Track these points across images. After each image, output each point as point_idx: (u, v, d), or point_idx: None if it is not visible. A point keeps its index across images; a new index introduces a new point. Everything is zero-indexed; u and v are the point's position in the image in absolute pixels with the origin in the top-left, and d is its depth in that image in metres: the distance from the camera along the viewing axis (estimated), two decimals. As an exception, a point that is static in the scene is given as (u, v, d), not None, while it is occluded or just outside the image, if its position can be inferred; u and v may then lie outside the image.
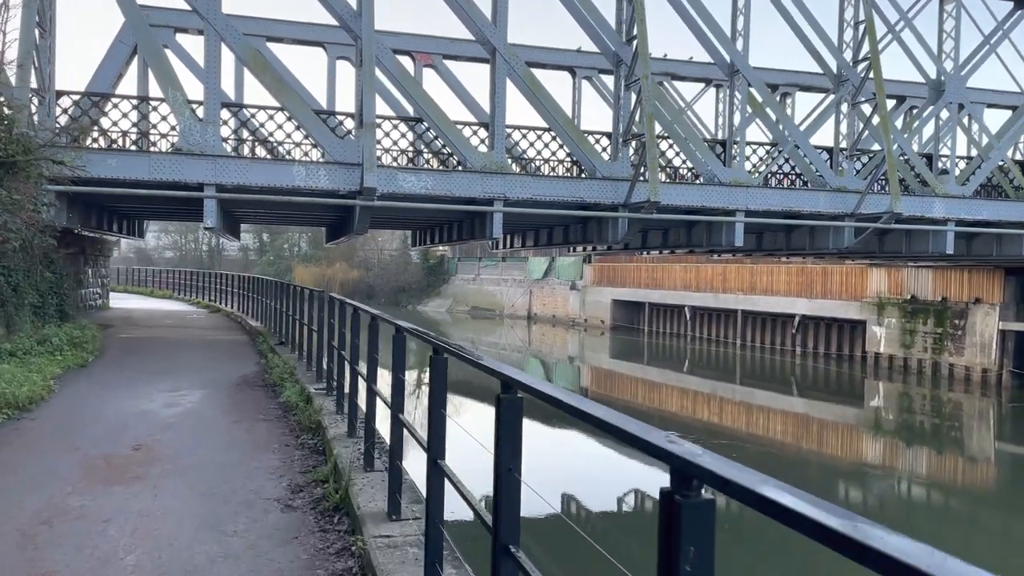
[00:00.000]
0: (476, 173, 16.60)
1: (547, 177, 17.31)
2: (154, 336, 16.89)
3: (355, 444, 6.42)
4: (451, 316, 54.19)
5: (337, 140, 16.18)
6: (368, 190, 15.24)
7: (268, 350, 13.81)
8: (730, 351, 36.45)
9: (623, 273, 42.85)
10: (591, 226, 19.36)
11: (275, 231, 67.84)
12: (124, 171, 15.21)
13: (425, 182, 16.48)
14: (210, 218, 15.65)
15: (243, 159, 15.71)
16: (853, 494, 16.33)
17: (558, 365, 37.21)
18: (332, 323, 8.76)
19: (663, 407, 27.19)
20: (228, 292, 26.58)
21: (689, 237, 20.06)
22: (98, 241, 23.59)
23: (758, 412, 26.84)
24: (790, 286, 33.89)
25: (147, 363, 12.62)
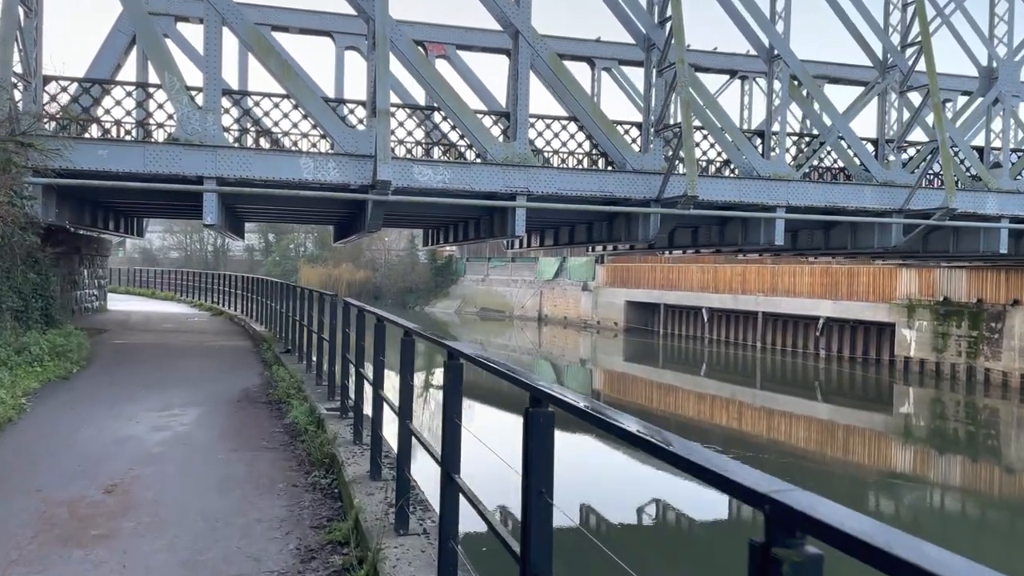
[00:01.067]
0: (497, 166, 15.21)
1: (574, 170, 15.90)
2: (150, 342, 15.50)
3: (381, 491, 5.01)
4: (460, 317, 52.82)
5: (348, 130, 14.80)
6: (382, 183, 13.84)
7: (273, 359, 12.43)
8: (749, 354, 35.02)
9: (637, 274, 41.41)
10: (618, 223, 17.94)
11: (281, 231, 66.50)
12: (116, 163, 13.83)
13: (442, 175, 15.10)
14: (210, 214, 14.27)
15: (246, 150, 14.33)
16: (884, 505, 15.11)
17: (570, 368, 35.86)
18: (348, 333, 7.35)
19: (680, 412, 25.72)
20: (232, 294, 25.20)
21: (722, 235, 18.63)
22: (95, 240, 22.23)
23: (780, 418, 25.55)
24: (814, 287, 32.44)
25: (138, 374, 11.22)
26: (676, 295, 38.83)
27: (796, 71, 16.51)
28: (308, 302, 11.05)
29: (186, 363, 12.52)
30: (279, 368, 10.81)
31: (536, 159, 15.88)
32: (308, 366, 10.47)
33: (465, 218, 19.69)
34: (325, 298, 9.23)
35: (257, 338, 16.18)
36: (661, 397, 29.21)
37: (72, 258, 19.87)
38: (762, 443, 21.45)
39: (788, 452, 19.65)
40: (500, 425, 17.14)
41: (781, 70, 16.58)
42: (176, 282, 37.26)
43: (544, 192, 15.47)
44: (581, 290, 45.27)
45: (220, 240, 70.66)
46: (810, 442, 22.40)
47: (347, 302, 7.25)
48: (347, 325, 7.38)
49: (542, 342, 43.00)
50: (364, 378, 6.29)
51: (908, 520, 14.09)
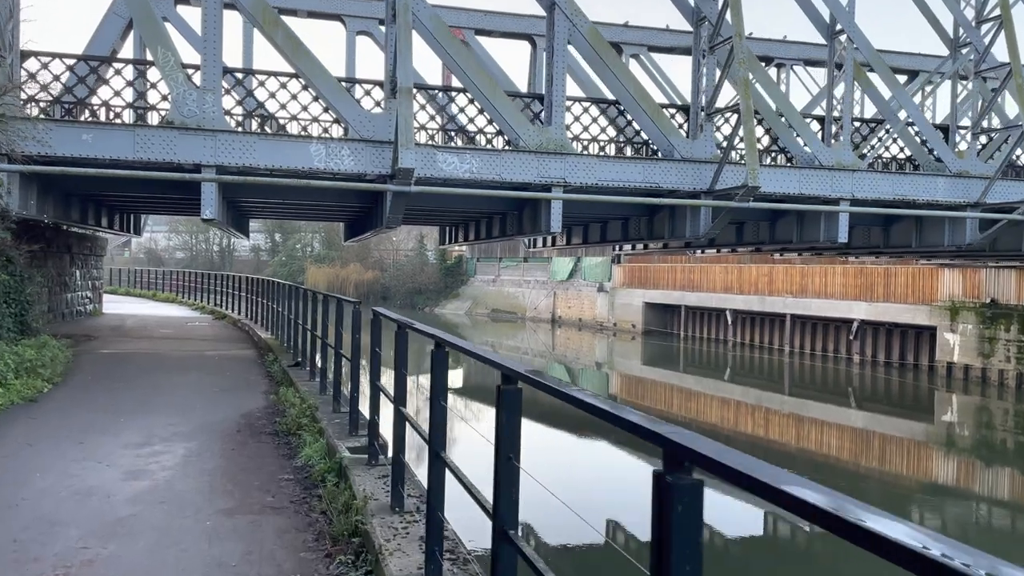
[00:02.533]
0: (531, 153, 13.37)
1: (617, 158, 14.04)
2: (142, 352, 13.63)
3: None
4: (470, 319, 50.96)
5: (364, 113, 12.96)
6: (403, 172, 11.99)
7: (280, 374, 10.60)
8: (777, 358, 33.11)
9: (656, 274, 39.51)
10: (659, 219, 16.07)
11: (288, 230, 64.67)
12: (102, 149, 12.01)
13: (469, 164, 13.25)
14: (208, 207, 12.44)
15: (249, 135, 12.49)
16: (928, 517, 13.72)
17: (585, 371, 34.06)
18: (378, 352, 5.49)
19: (701, 417, 23.94)
20: (236, 296, 23.35)
21: (772, 232, 16.75)
22: (88, 239, 20.39)
23: (810, 425, 23.80)
24: (847, 288, 30.52)
25: (121, 395, 9.36)
26: (698, 296, 36.93)
27: (863, 48, 14.63)
28: (321, 307, 9.18)
29: (179, 379, 10.65)
30: (287, 389, 8.92)
31: (575, 146, 14.03)
32: (323, 386, 8.60)
33: (489, 213, 17.82)
34: (344, 306, 7.37)
35: (262, 347, 14.33)
36: (682, 402, 27.48)
37: (62, 258, 18.06)
38: (790, 451, 20.05)
39: (819, 461, 18.18)
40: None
41: (845, 48, 14.71)
42: (179, 283, 35.33)
43: (582, 183, 13.64)
44: (597, 291, 43.39)
45: (226, 240, 68.94)
46: (843, 451, 20.84)
47: (378, 313, 5.38)
48: (377, 343, 5.52)
49: (556, 344, 41.18)
50: (408, 420, 4.44)
51: (954, 533, 12.66)
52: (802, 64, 22.92)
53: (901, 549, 0.98)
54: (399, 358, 4.53)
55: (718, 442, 1.52)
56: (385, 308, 4.86)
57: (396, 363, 4.47)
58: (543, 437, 16.48)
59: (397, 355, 4.53)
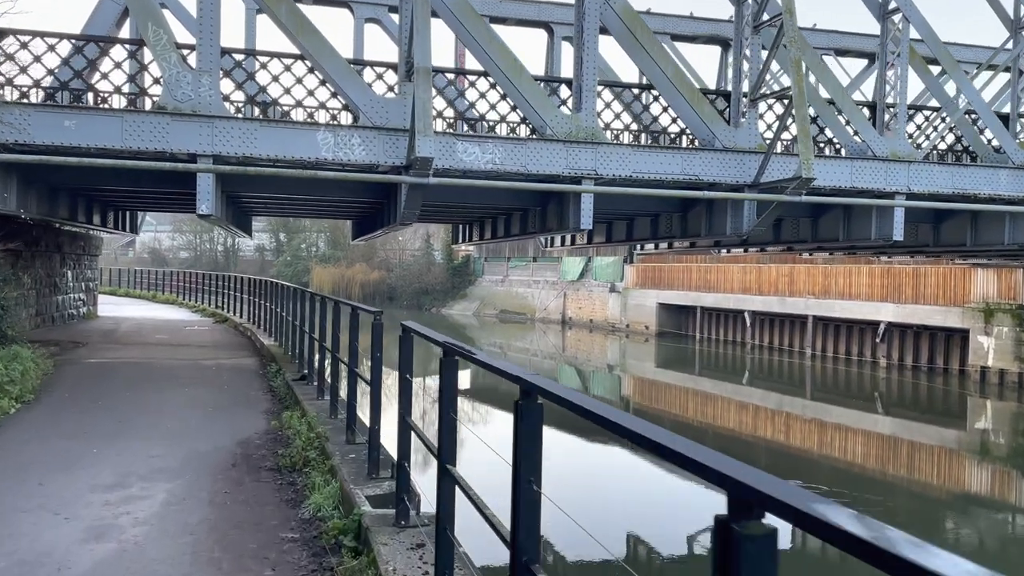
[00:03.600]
0: (559, 143, 12.03)
1: (653, 148, 12.67)
2: (132, 361, 12.27)
3: None
4: (478, 320, 49.61)
5: (376, 98, 11.61)
6: (421, 162, 10.65)
7: (283, 389, 9.26)
8: (798, 361, 31.72)
9: (670, 274, 38.12)
10: (695, 215, 14.71)
11: (292, 229, 63.35)
12: (86, 136, 10.67)
13: (492, 154, 11.91)
14: (205, 201, 11.12)
15: (249, 121, 11.14)
16: (964, 532, 12.79)
17: (596, 374, 32.75)
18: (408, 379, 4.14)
19: (718, 423, 22.70)
20: (238, 298, 22.00)
21: (815, 230, 15.38)
22: (81, 238, 19.05)
23: (834, 431, 22.49)
24: (873, 289, 29.11)
25: (99, 416, 8.01)
26: (714, 297, 35.54)
27: (919, 29, 13.27)
28: (331, 314, 7.81)
29: (170, 394, 9.30)
30: (291, 410, 7.51)
31: (607, 135, 12.68)
32: (333, 407, 7.23)
33: (508, 209, 16.46)
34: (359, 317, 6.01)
35: (264, 356, 12.99)
36: (698, 407, 26.20)
37: (52, 258, 16.75)
38: (812, 457, 18.72)
39: (844, 469, 16.99)
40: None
41: (900, 29, 13.34)
42: (180, 284, 33.94)
43: (615, 175, 12.29)
44: (608, 291, 42.01)
45: (231, 240, 67.68)
46: (869, 458, 19.58)
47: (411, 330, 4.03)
48: (407, 368, 4.17)
49: (566, 346, 39.85)
50: (456, 481, 3.10)
51: (994, 549, 11.92)
52: (832, 54, 21.54)
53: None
54: (445, 394, 3.20)
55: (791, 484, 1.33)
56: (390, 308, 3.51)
57: (441, 405, 3.11)
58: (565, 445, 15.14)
59: (443, 392, 3.20)
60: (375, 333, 5.09)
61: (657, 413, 24.37)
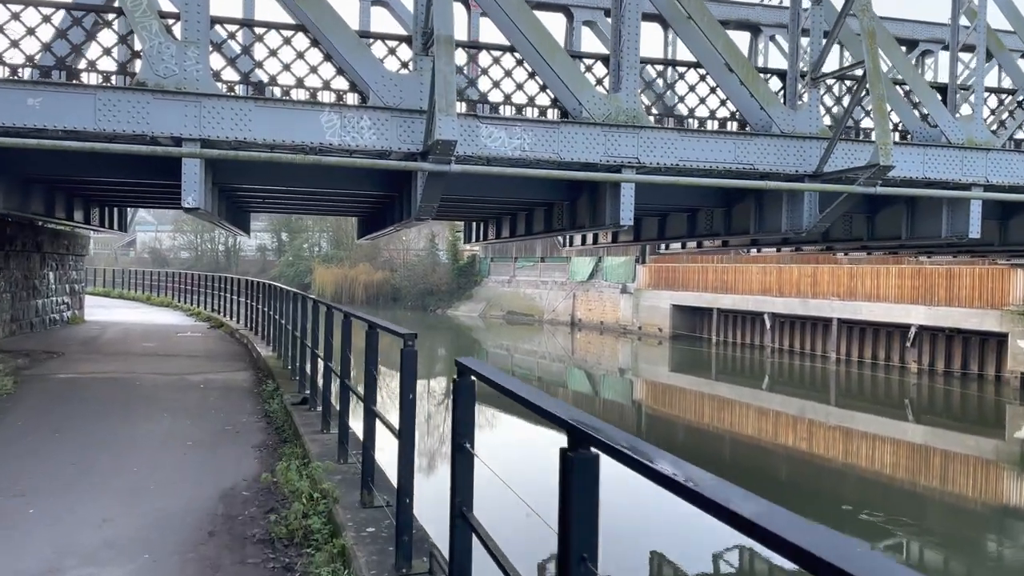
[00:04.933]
0: (596, 127, 10.42)
1: (702, 132, 11.04)
2: (109, 376, 10.59)
3: None
4: (484, 322, 47.99)
5: (389, 74, 9.98)
6: (442, 146, 9.02)
7: (281, 416, 7.61)
8: (821, 366, 30.12)
9: (685, 275, 36.49)
10: (741, 210, 13.08)
11: (294, 229, 61.72)
12: (53, 116, 9.05)
13: (520, 139, 10.30)
14: (191, 193, 9.48)
15: (243, 100, 9.52)
16: (1007, 551, 11.69)
17: (607, 379, 31.18)
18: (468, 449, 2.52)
19: (736, 429, 21.29)
20: (236, 300, 20.32)
21: (871, 227, 13.75)
22: (64, 236, 17.39)
23: (860, 439, 20.99)
24: (903, 291, 27.48)
25: (52, 454, 6.36)
26: (732, 299, 33.91)
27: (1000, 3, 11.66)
28: (336, 328, 6.15)
29: (144, 423, 7.64)
30: (289, 460, 5.73)
31: (649, 118, 11.05)
32: (342, 448, 5.52)
33: (532, 204, 14.84)
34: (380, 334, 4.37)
35: (261, 369, 11.33)
36: (714, 412, 24.66)
37: (30, 258, 15.12)
38: (836, 466, 17.19)
39: (871, 479, 15.88)
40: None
41: (977, 5, 11.72)
42: (176, 285, 32.23)
43: (659, 163, 10.68)
44: (620, 293, 40.38)
45: (232, 240, 66.09)
46: (899, 468, 18.17)
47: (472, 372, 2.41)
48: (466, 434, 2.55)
49: (575, 349, 38.26)
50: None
51: None
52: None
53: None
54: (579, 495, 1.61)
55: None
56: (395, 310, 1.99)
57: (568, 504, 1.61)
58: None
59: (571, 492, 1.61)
60: (407, 365, 3.48)
61: (671, 419, 22.93)
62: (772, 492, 14.49)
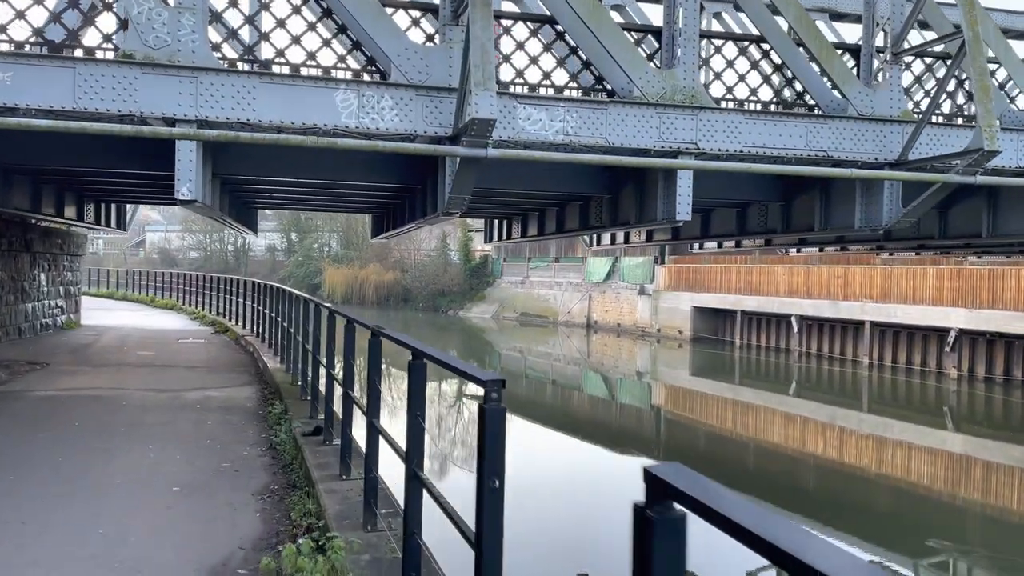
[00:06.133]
0: (650, 107, 8.99)
1: (769, 115, 9.57)
2: (94, 394, 9.10)
3: None
4: (497, 323, 46.57)
5: (413, 46, 8.56)
6: (479, 127, 7.58)
7: (290, 450, 6.15)
8: (852, 371, 28.60)
9: (706, 276, 34.99)
10: (803, 204, 11.60)
11: (304, 229, 60.35)
12: (28, 94, 7.65)
13: (564, 122, 8.87)
14: (186, 182, 8.07)
15: (246, 75, 8.09)
16: None
17: (624, 382, 29.81)
18: None
19: (760, 435, 20.03)
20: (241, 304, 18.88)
21: (943, 225, 12.24)
22: (58, 234, 16.00)
23: (895, 448, 19.61)
24: (941, 292, 25.94)
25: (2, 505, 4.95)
26: (756, 300, 32.40)
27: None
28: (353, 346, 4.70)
29: (124, 458, 6.17)
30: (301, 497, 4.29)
31: (708, 97, 9.58)
32: (369, 508, 4.05)
33: (566, 198, 13.39)
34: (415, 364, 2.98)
35: (267, 384, 9.89)
36: (738, 418, 23.28)
37: (18, 258, 13.76)
38: (869, 475, 15.98)
39: (906, 490, 15.00)
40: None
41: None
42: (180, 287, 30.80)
43: (721, 149, 9.24)
44: (638, 294, 38.90)
45: (241, 240, 64.82)
46: (937, 479, 16.87)
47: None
48: None
49: (591, 352, 36.84)
50: None
51: None
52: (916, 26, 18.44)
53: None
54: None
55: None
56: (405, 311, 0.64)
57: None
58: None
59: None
60: (492, 425, 2.10)
61: (692, 425, 21.57)
62: (800, 503, 13.18)
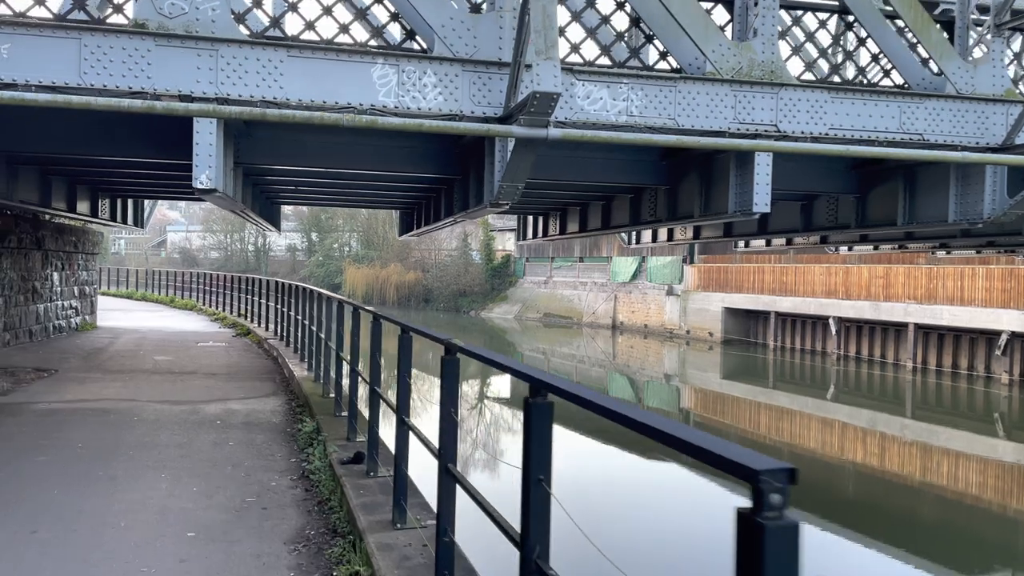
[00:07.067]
0: (724, 84, 7.89)
1: (859, 92, 8.41)
2: (102, 407, 8.02)
3: None
4: (520, 324, 45.49)
5: (460, 14, 7.49)
6: (540, 101, 6.49)
7: (326, 481, 5.04)
8: (894, 375, 27.27)
9: (738, 275, 33.72)
10: (882, 195, 10.41)
11: (324, 228, 59.60)
12: (28, 67, 6.66)
13: (627, 100, 7.79)
14: (206, 169, 7.04)
15: (271, 48, 7.05)
16: None
17: (651, 384, 28.64)
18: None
19: (796, 441, 18.98)
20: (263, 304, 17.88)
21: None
22: (72, 231, 15.07)
23: (941, 456, 18.40)
24: (991, 293, 24.56)
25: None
26: (792, 301, 31.09)
27: None
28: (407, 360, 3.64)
29: (128, 493, 5.09)
30: (350, 557, 3.28)
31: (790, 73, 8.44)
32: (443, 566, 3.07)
33: (614, 190, 12.26)
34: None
35: (294, 395, 8.84)
36: (772, 423, 22.09)
37: (28, 256, 12.85)
38: (914, 485, 15.05)
39: (953, 500, 14.17)
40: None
41: None
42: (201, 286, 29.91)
43: (805, 131, 8.11)
44: (665, 294, 37.67)
45: (261, 239, 64.20)
46: (987, 489, 15.69)
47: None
48: None
49: (617, 353, 35.69)
50: None
51: None
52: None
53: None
54: None
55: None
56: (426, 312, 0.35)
57: None
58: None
59: None
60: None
61: (723, 429, 20.48)
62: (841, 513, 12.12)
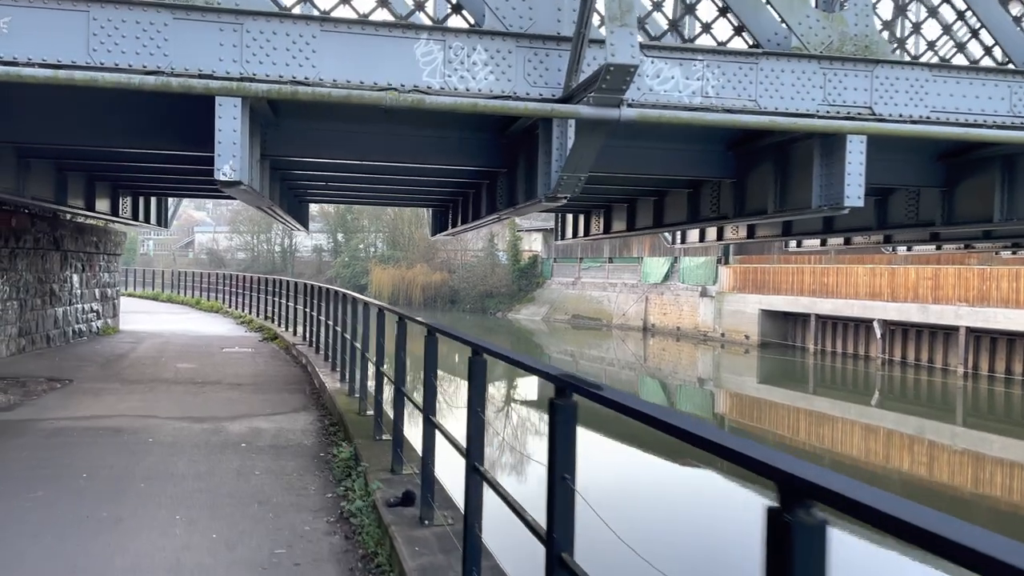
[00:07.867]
0: (811, 60, 6.87)
1: (967, 70, 7.35)
2: (115, 425, 7.07)
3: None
4: (548, 326, 44.51)
5: (512, -19, 6.55)
6: (614, 75, 5.51)
7: (373, 533, 3.99)
8: (943, 380, 25.96)
9: (776, 277, 32.47)
10: (974, 187, 9.30)
11: (350, 229, 59.03)
12: (28, 44, 5.79)
13: (701, 80, 6.82)
14: (229, 158, 6.14)
15: (303, 21, 6.16)
16: None
17: (684, 388, 27.57)
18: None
19: (838, 449, 18.10)
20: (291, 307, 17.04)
21: None
22: (93, 231, 14.33)
23: (995, 466, 17.21)
24: (1050, 295, 23.24)
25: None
26: (833, 303, 29.82)
27: None
28: (481, 385, 2.76)
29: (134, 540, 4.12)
30: None
31: (890, 48, 7.41)
32: None
33: (670, 183, 11.24)
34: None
35: (327, 410, 7.92)
36: (813, 429, 20.99)
37: (46, 257, 12.11)
38: (964, 496, 14.21)
39: (1007, 511, 13.37)
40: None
41: None
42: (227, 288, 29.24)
43: (904, 114, 7.07)
44: (699, 296, 36.49)
45: (288, 240, 63.85)
46: None
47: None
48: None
49: (648, 356, 34.60)
50: None
51: None
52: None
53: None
54: None
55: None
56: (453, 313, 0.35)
57: None
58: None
59: None
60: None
61: (759, 435, 19.41)
62: None
